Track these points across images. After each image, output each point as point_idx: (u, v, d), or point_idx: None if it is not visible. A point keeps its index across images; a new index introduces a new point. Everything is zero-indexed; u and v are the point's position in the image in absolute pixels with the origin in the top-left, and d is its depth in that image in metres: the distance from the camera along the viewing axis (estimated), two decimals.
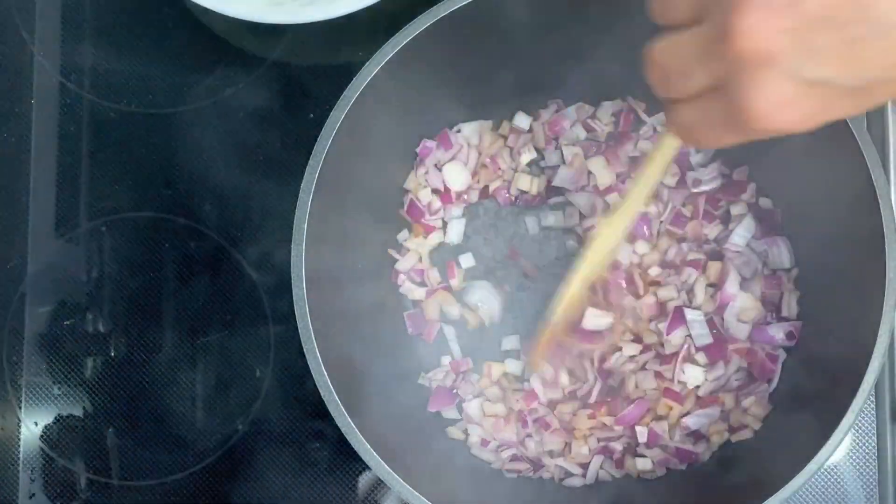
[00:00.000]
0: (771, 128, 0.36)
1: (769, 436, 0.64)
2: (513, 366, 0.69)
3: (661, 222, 0.68)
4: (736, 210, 0.68)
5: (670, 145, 0.49)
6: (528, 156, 0.70)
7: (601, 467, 0.66)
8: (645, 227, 0.67)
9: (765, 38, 0.34)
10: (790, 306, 0.66)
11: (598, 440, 0.66)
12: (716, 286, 0.66)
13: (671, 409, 0.65)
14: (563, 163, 0.69)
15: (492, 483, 0.66)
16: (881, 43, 0.34)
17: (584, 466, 0.66)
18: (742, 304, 0.66)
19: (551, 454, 0.67)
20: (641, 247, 0.68)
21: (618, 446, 0.66)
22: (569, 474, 0.66)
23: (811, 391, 0.63)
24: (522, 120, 0.70)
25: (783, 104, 0.35)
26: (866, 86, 0.35)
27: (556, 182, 0.69)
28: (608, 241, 0.55)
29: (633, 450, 0.66)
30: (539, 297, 0.69)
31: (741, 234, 0.67)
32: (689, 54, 0.38)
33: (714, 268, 0.66)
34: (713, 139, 0.41)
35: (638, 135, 0.69)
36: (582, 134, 0.70)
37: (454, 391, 0.68)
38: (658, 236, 0.68)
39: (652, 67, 0.40)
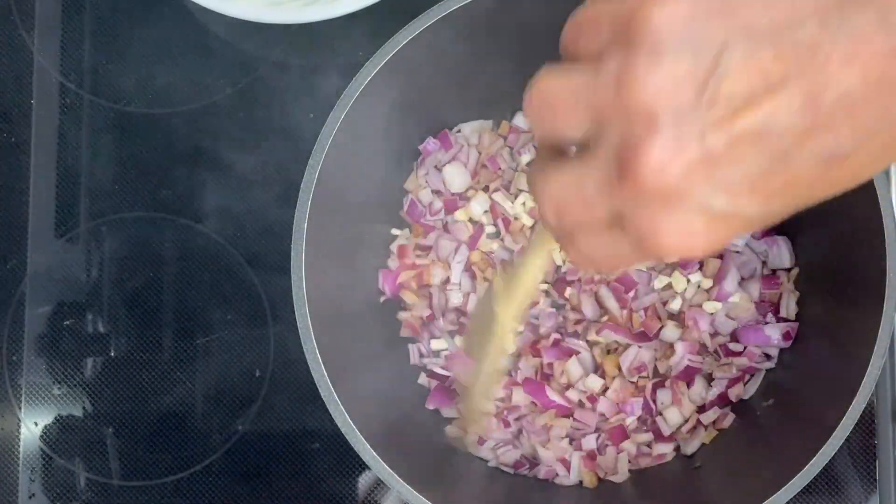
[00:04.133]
0: (675, 257, 0.35)
1: (769, 437, 0.64)
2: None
3: None
4: None
5: (547, 247, 0.47)
6: (528, 156, 0.70)
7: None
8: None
9: (674, 175, 0.32)
10: (788, 307, 0.66)
11: (572, 439, 0.66)
12: (713, 286, 0.67)
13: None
14: None
15: (492, 482, 0.66)
16: (783, 177, 0.32)
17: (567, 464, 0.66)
18: (735, 301, 0.66)
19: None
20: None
21: (591, 443, 0.66)
22: (556, 473, 0.66)
23: (811, 391, 0.63)
24: (522, 120, 0.70)
25: (690, 237, 0.34)
26: (772, 214, 0.34)
27: None
28: (511, 331, 0.54)
29: (604, 449, 0.66)
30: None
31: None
32: (588, 189, 0.35)
33: (713, 265, 0.67)
34: (612, 267, 0.39)
35: None
36: None
37: (451, 387, 0.68)
38: None
39: (545, 204, 0.37)
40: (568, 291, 0.68)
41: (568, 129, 0.35)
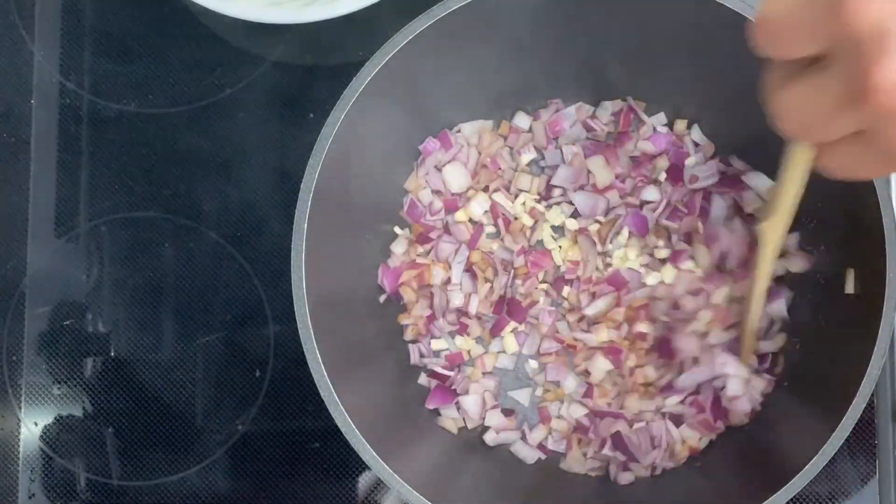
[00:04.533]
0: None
1: (769, 436, 0.64)
2: (504, 360, 0.69)
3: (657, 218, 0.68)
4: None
5: (804, 159, 0.47)
6: (528, 156, 0.70)
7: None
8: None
9: None
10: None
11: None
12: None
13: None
14: (563, 162, 0.69)
15: (492, 482, 0.66)
16: None
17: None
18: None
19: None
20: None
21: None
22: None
23: (811, 391, 0.63)
24: (522, 120, 0.70)
25: None
26: None
27: (556, 181, 0.69)
28: (776, 245, 0.56)
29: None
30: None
31: None
32: (825, 106, 0.35)
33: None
34: (868, 175, 0.39)
35: (638, 134, 0.69)
36: (582, 134, 0.70)
37: (451, 387, 0.68)
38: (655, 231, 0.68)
39: (783, 122, 0.38)
40: (566, 290, 0.68)
41: (797, 51, 0.35)
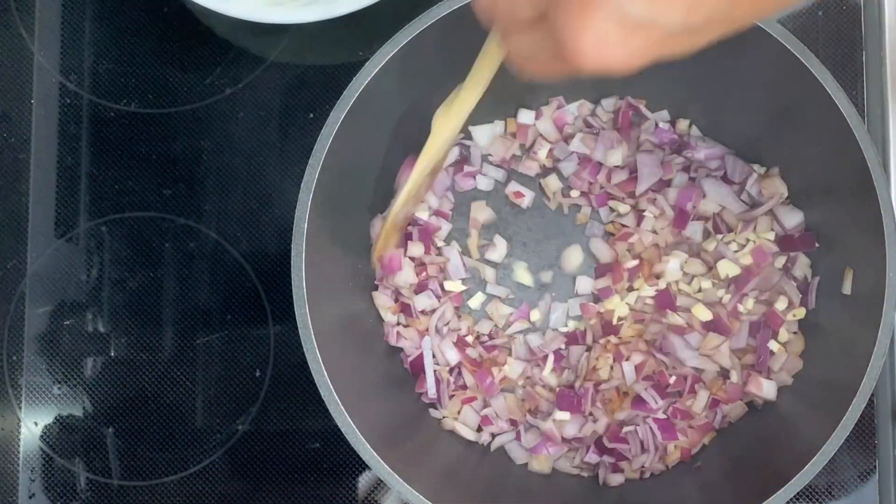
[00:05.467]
0: (595, 66, 0.35)
1: (769, 437, 0.64)
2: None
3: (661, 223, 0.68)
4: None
5: (496, 53, 0.48)
6: (544, 150, 0.70)
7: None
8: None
9: None
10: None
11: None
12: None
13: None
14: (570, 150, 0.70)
15: (492, 482, 0.66)
16: None
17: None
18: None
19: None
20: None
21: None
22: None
23: (811, 391, 0.63)
24: (526, 116, 0.70)
25: (607, 44, 0.33)
26: (691, 28, 0.34)
27: (565, 172, 0.70)
28: (446, 135, 0.55)
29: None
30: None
31: None
32: None
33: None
34: (542, 71, 0.39)
35: (640, 128, 0.69)
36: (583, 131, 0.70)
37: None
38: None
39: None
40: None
41: None
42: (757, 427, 0.65)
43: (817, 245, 0.65)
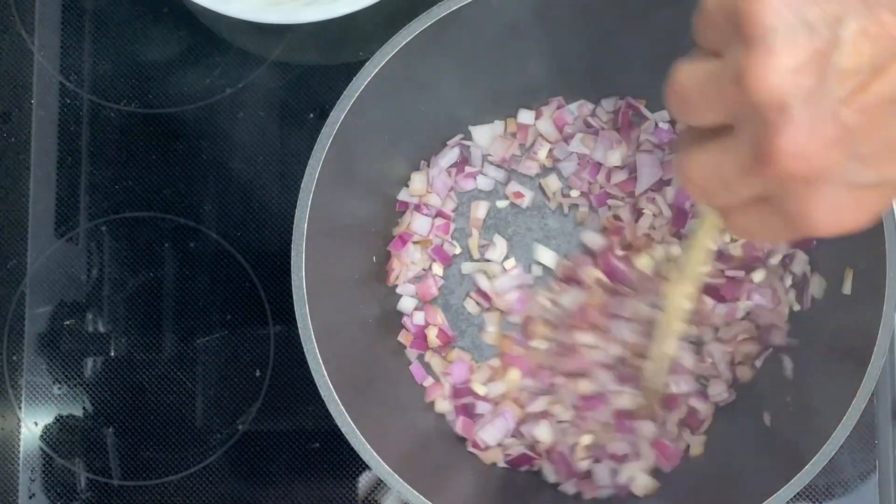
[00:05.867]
0: (835, 233, 0.35)
1: (769, 437, 0.64)
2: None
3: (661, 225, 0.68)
4: None
5: (713, 222, 0.48)
6: (544, 150, 0.70)
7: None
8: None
9: (812, 157, 0.32)
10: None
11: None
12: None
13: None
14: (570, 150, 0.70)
15: (492, 482, 0.66)
16: None
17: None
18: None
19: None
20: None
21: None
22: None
23: (811, 391, 0.63)
24: (526, 116, 0.70)
25: (840, 213, 0.34)
26: None
27: (565, 172, 0.70)
28: (682, 308, 0.56)
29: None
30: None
31: None
32: (728, 172, 0.35)
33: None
34: (772, 240, 0.40)
35: (640, 129, 0.69)
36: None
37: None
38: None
39: (689, 184, 0.38)
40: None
41: (705, 119, 0.36)
42: (755, 427, 0.65)
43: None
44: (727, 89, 0.34)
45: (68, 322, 0.72)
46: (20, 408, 0.72)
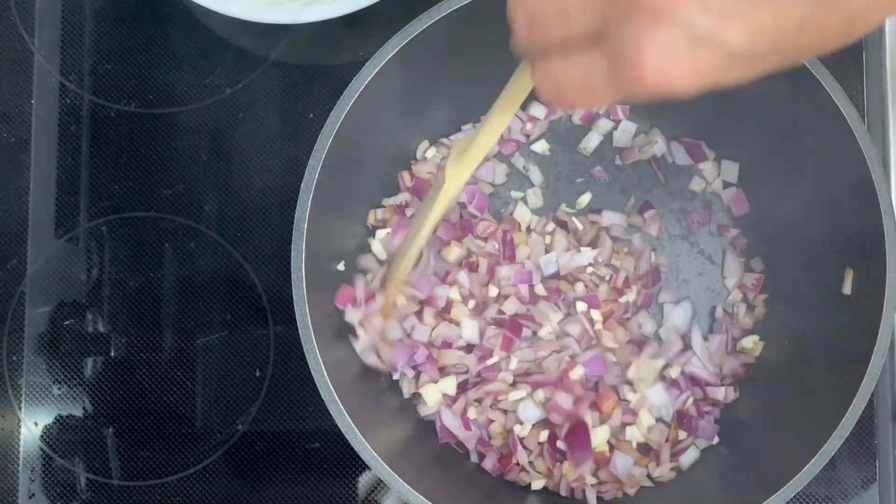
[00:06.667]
0: (657, 85, 0.33)
1: (771, 437, 0.64)
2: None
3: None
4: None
5: (523, 87, 0.44)
6: (542, 145, 0.71)
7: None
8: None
9: None
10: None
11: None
12: None
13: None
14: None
15: (492, 483, 0.66)
16: (774, 6, 0.31)
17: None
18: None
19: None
20: None
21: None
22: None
23: (811, 391, 0.63)
24: (538, 110, 0.71)
25: (673, 60, 0.32)
26: (755, 52, 0.32)
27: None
28: (459, 185, 0.54)
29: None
30: None
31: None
32: None
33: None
34: (589, 99, 0.36)
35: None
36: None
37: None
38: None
39: (519, 5, 0.35)
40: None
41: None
42: (756, 427, 0.65)
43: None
44: None
45: (68, 322, 0.72)
46: (20, 408, 0.72)
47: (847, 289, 0.62)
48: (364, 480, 0.70)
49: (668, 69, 0.32)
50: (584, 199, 0.70)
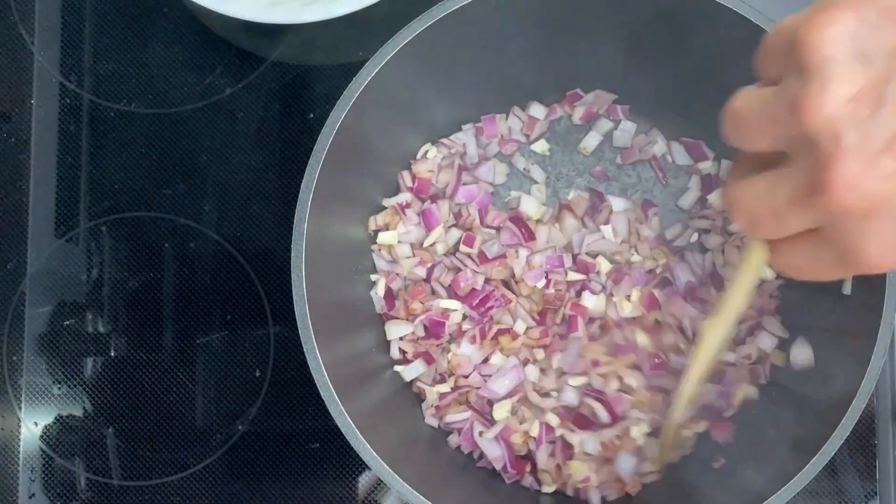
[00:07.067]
0: (881, 268, 0.35)
1: (769, 437, 0.64)
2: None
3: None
4: None
5: (759, 258, 0.47)
6: (542, 146, 0.71)
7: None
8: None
9: (868, 189, 0.32)
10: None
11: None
12: None
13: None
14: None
15: (492, 483, 0.66)
16: None
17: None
18: None
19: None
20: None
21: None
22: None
23: (811, 391, 0.63)
24: (538, 110, 0.71)
25: (892, 247, 0.34)
26: None
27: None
28: (716, 343, 0.56)
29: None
30: None
31: None
32: (780, 201, 0.35)
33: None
34: (821, 276, 0.38)
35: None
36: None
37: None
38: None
39: (737, 212, 0.38)
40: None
41: (759, 145, 0.36)
42: (756, 427, 0.65)
43: None
44: (783, 116, 0.34)
45: (68, 322, 0.72)
46: (20, 408, 0.72)
47: (847, 289, 0.62)
48: (364, 480, 0.70)
49: (889, 255, 0.34)
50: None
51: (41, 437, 0.71)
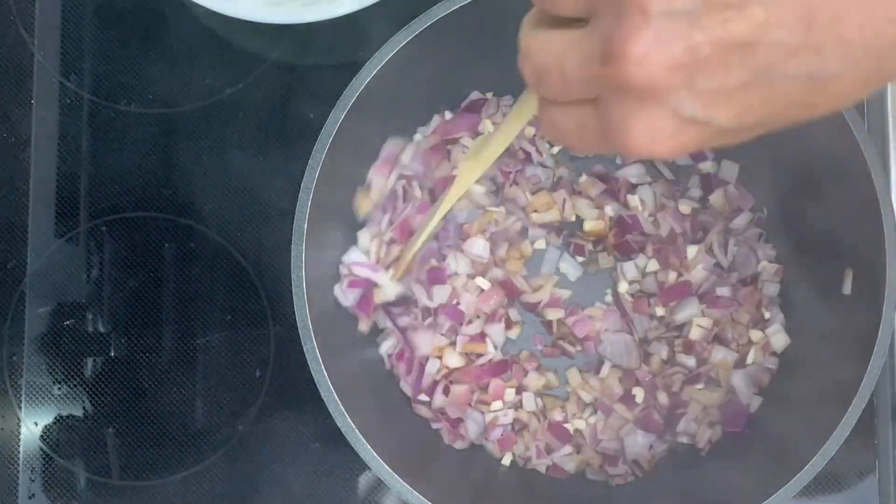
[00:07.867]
0: (641, 154, 0.35)
1: (769, 437, 0.64)
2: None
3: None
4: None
5: (532, 106, 0.45)
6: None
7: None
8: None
9: (656, 71, 0.31)
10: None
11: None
12: None
13: None
14: None
15: (491, 483, 0.66)
16: (762, 92, 0.32)
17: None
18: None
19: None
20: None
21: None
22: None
23: (811, 391, 0.63)
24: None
25: (656, 137, 0.33)
26: (742, 128, 0.34)
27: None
28: (470, 181, 0.55)
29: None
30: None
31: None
32: (569, 63, 0.34)
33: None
34: (580, 147, 0.38)
35: None
36: None
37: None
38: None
39: (526, 61, 0.37)
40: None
41: (565, 8, 0.35)
42: (756, 428, 0.65)
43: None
44: None
45: (68, 322, 0.72)
46: (20, 408, 0.72)
47: (847, 289, 0.62)
48: (364, 480, 0.70)
49: (652, 144, 0.33)
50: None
51: (41, 437, 0.71)
